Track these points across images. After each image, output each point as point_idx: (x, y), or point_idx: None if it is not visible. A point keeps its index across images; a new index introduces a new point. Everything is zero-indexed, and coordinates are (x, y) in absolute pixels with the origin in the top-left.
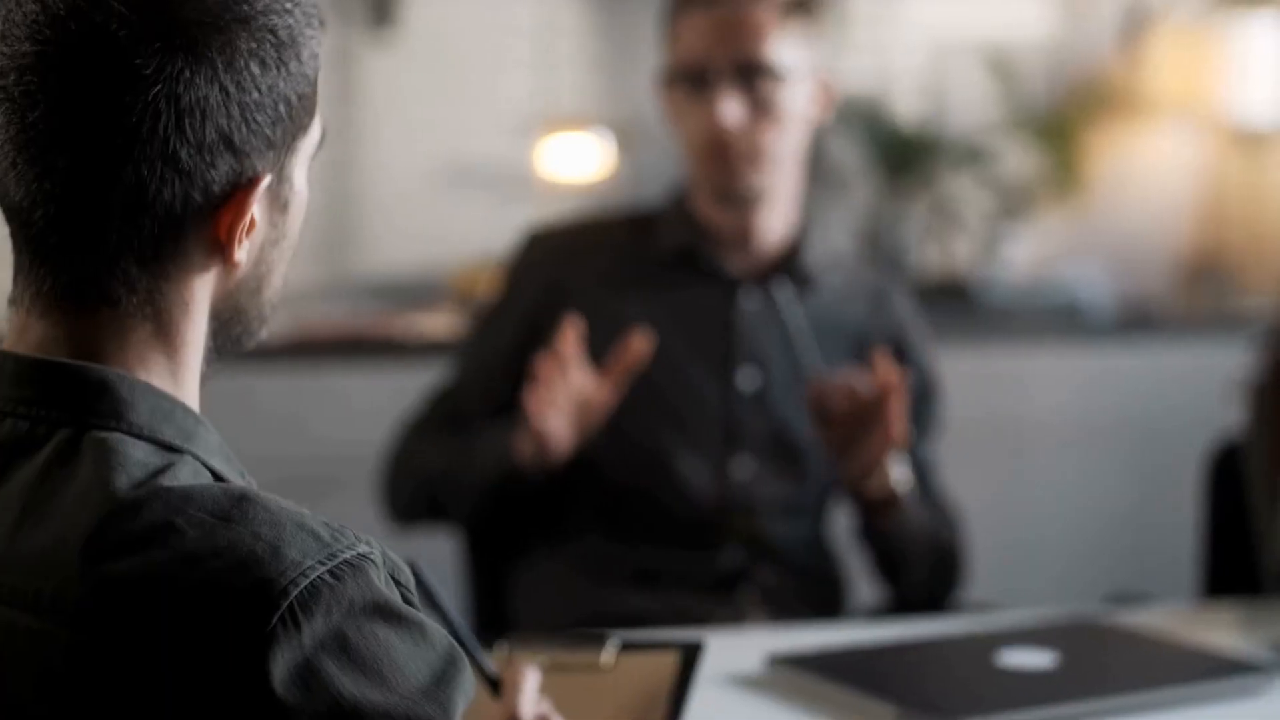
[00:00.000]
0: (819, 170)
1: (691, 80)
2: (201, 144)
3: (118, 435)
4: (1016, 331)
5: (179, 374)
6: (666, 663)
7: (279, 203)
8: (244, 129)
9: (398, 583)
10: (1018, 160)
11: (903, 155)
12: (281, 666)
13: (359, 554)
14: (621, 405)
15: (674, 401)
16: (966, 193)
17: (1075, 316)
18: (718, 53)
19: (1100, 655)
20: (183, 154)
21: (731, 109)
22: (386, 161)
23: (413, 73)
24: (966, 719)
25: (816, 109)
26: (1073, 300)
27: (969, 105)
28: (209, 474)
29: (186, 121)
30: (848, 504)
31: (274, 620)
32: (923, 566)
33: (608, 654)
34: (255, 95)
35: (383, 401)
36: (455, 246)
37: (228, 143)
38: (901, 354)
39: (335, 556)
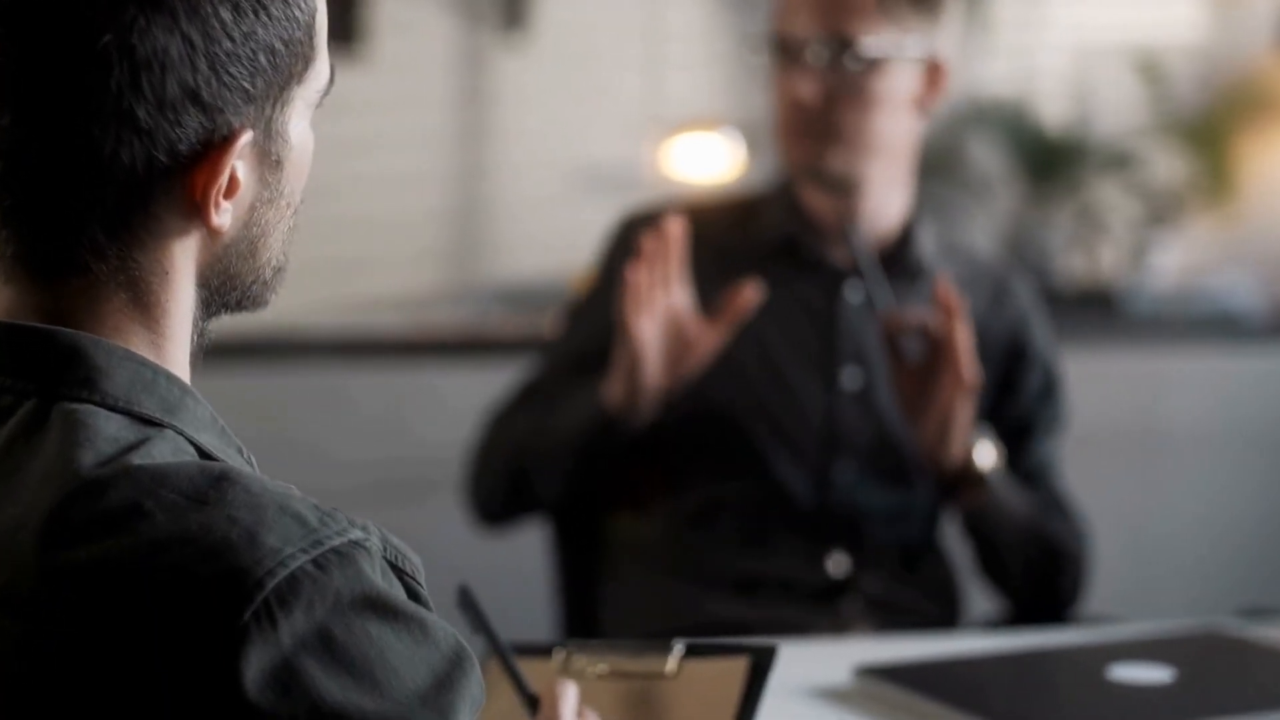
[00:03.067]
0: (960, 175)
1: (780, 51)
2: (162, 100)
3: (89, 407)
4: (1162, 339)
5: (162, 345)
6: (736, 669)
7: (270, 159)
8: (214, 82)
9: (402, 572)
10: (1166, 166)
11: (1047, 160)
12: (255, 667)
13: (350, 541)
14: (716, 404)
15: (773, 402)
16: (1113, 199)
17: (1224, 325)
18: (809, 25)
19: (1222, 671)
20: (140, 111)
21: (809, 84)
22: (516, 164)
23: (543, 75)
24: None
25: (926, 95)
26: (1222, 309)
27: (1116, 109)
28: (193, 450)
29: (143, 75)
30: (934, 488)
31: (247, 614)
32: (1019, 555)
33: (672, 660)
34: (227, 45)
35: (485, 402)
36: (584, 251)
37: (194, 98)
38: (1021, 349)
39: (321, 544)
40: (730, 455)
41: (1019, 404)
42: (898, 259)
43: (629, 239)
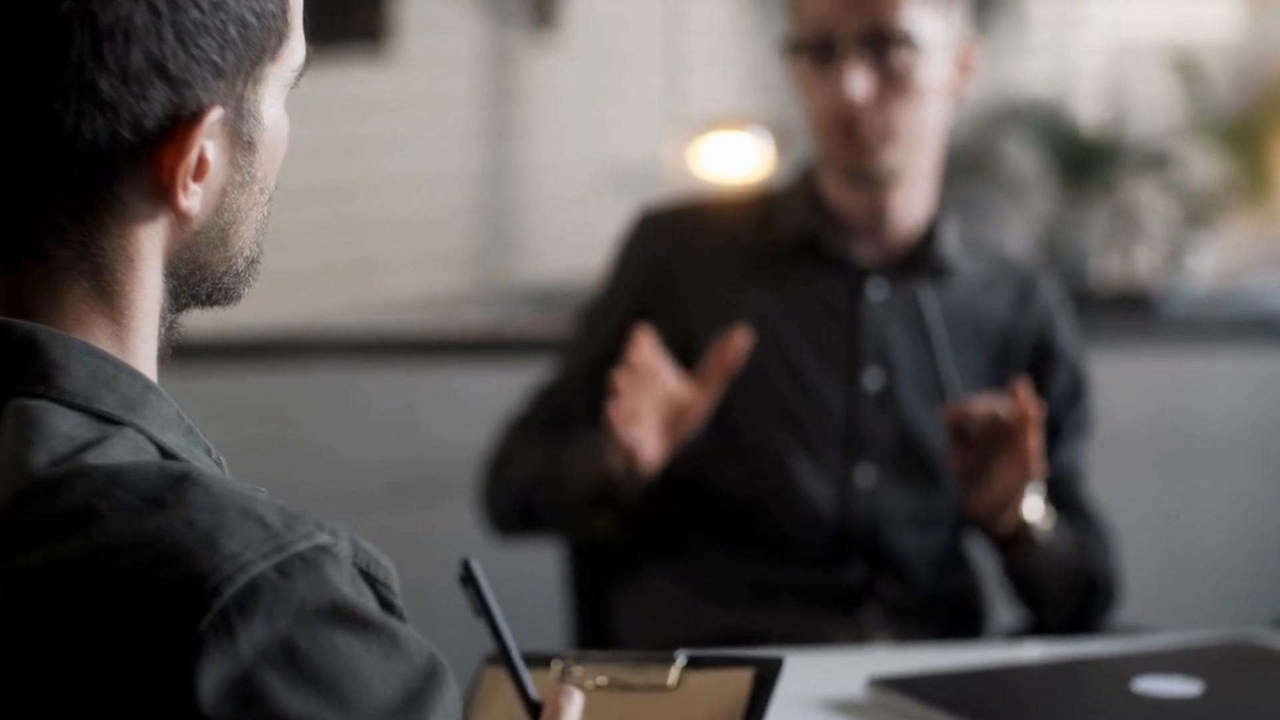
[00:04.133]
0: (995, 175)
1: (817, 50)
2: (126, 72)
3: (44, 404)
4: (1198, 341)
5: (127, 338)
6: (740, 681)
7: (241, 140)
8: (181, 54)
9: (375, 580)
10: (1203, 166)
11: (1083, 161)
12: (212, 679)
13: (315, 546)
14: (734, 408)
15: (792, 404)
16: (1149, 199)
17: (1262, 326)
18: (845, 20)
19: (1253, 684)
20: (102, 83)
21: (859, 82)
22: (543, 164)
23: (570, 74)
24: None
25: (958, 82)
26: (1260, 310)
27: (1152, 109)
28: (155, 450)
29: (105, 45)
30: (979, 539)
31: (203, 623)
32: (1065, 601)
33: (673, 672)
34: (195, 14)
35: (503, 403)
36: (610, 250)
37: (160, 70)
38: (1048, 349)
39: (285, 549)
40: (749, 458)
41: (1045, 405)
42: (922, 256)
43: (644, 234)
